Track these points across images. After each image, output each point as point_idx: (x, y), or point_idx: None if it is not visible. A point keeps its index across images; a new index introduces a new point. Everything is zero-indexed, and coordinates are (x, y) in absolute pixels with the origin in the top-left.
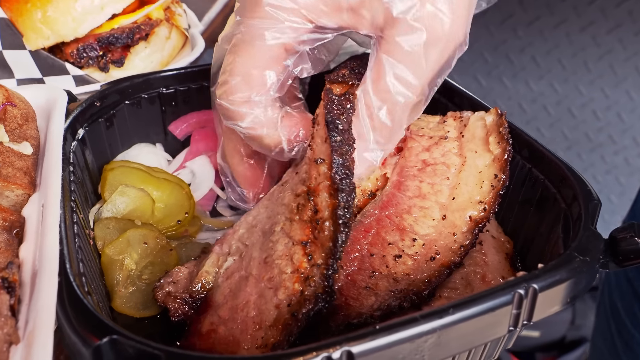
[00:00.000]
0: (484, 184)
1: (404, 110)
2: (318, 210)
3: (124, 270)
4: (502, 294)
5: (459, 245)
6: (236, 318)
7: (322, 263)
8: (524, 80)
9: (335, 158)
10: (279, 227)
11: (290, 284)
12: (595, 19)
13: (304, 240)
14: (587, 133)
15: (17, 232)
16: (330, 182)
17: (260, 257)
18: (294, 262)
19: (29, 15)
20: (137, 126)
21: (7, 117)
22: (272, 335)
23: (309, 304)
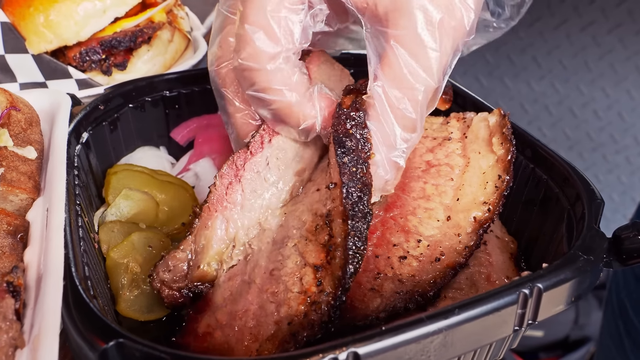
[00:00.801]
0: (487, 185)
1: (425, 98)
2: (332, 236)
3: (129, 274)
4: (507, 294)
5: (463, 246)
6: (234, 325)
7: (331, 292)
8: (525, 80)
9: (345, 182)
10: (292, 243)
11: (295, 304)
12: (596, 19)
13: (317, 265)
14: (588, 132)
15: (21, 236)
16: (343, 209)
17: (266, 267)
18: (302, 283)
19: (31, 19)
20: (141, 129)
21: (11, 121)
22: (266, 348)
23: (313, 329)
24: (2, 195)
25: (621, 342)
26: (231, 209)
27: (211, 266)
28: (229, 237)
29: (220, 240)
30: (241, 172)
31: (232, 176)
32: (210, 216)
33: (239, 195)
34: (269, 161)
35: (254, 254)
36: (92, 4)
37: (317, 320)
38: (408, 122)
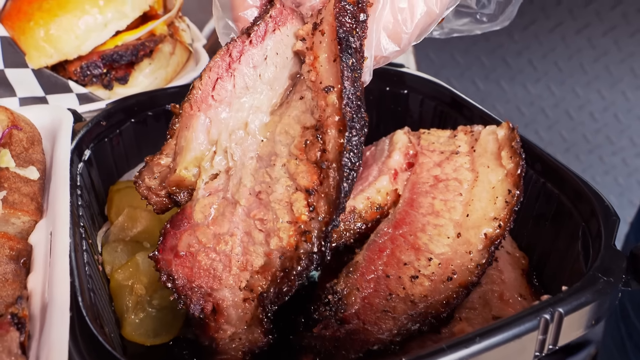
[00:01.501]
0: (497, 200)
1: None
2: (325, 151)
3: (134, 296)
4: (528, 320)
5: (475, 264)
6: (218, 250)
7: (325, 217)
8: (521, 83)
9: (347, 86)
10: (280, 162)
11: (286, 236)
12: (591, 22)
13: (309, 188)
14: (584, 134)
15: (24, 261)
16: (340, 117)
17: (252, 189)
18: (293, 211)
19: (31, 33)
20: (143, 144)
21: (12, 141)
22: (259, 282)
23: (302, 263)
24: (4, 218)
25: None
26: (216, 107)
27: (189, 171)
28: (210, 140)
29: (201, 143)
30: (235, 65)
31: (223, 69)
32: (191, 115)
33: (229, 91)
34: (267, 55)
35: (237, 168)
36: (93, 18)
37: (307, 251)
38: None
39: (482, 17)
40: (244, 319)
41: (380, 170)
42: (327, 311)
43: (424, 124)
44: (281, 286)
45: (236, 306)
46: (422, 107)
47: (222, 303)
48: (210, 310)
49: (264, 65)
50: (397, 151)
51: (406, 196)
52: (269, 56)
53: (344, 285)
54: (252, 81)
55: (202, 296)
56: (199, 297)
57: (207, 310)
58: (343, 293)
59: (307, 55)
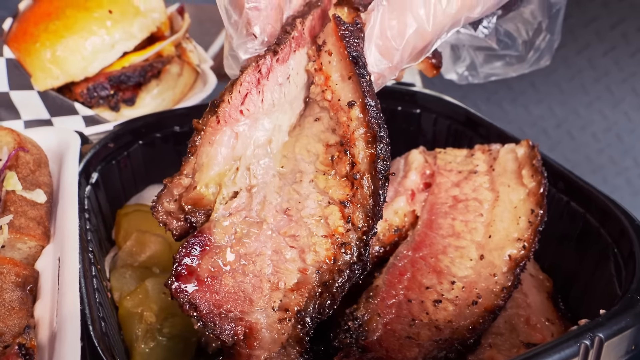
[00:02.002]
0: (520, 220)
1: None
2: (355, 163)
3: (144, 324)
4: (567, 346)
5: (500, 287)
6: (246, 271)
7: (363, 225)
8: (523, 104)
9: (369, 100)
10: (307, 179)
11: (323, 250)
12: (591, 42)
13: (344, 200)
14: (587, 155)
15: (31, 288)
16: (367, 129)
17: (279, 206)
18: (329, 224)
19: (37, 55)
20: (151, 167)
21: (19, 163)
22: (295, 301)
23: (344, 274)
24: (10, 243)
25: None
26: (244, 122)
27: (209, 189)
28: (234, 155)
29: (225, 159)
30: (264, 81)
31: (253, 84)
32: (216, 130)
33: (257, 107)
34: (289, 74)
35: (259, 186)
36: (100, 39)
37: (347, 262)
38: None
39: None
40: (279, 340)
41: (397, 191)
42: (347, 338)
43: (437, 143)
44: (323, 301)
45: (270, 328)
46: (435, 126)
47: (255, 326)
48: (243, 335)
49: (287, 84)
50: (413, 171)
51: (425, 217)
52: (292, 75)
53: (365, 310)
54: (277, 98)
55: (232, 321)
56: (229, 323)
57: (239, 335)
58: (364, 319)
59: (316, 76)
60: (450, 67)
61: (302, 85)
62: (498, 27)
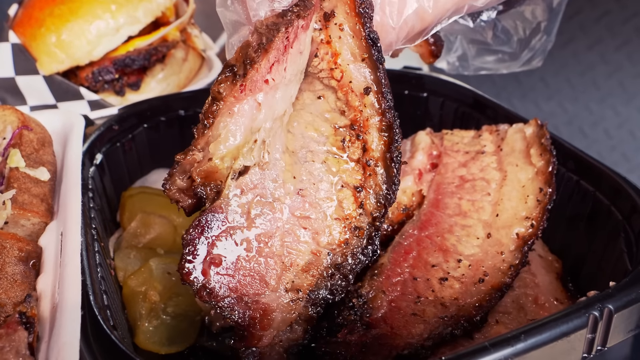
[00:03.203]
0: (528, 199)
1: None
2: (367, 150)
3: (147, 303)
4: (576, 317)
5: (508, 265)
6: (261, 253)
7: (375, 211)
8: (533, 101)
9: (385, 89)
10: (319, 160)
11: (337, 233)
12: (603, 37)
13: (358, 186)
14: (600, 152)
15: (34, 263)
16: (382, 117)
17: (293, 186)
18: (343, 208)
19: (42, 39)
20: (156, 150)
21: (23, 141)
22: (306, 281)
23: (357, 258)
24: (14, 219)
25: None
26: (267, 91)
27: (224, 162)
28: (254, 128)
29: (245, 131)
30: (290, 49)
31: (281, 51)
32: (239, 100)
33: (282, 76)
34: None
35: (272, 163)
36: (105, 23)
37: (360, 246)
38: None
39: (505, 55)
40: (289, 320)
41: (404, 171)
42: (352, 315)
43: (445, 126)
44: (335, 282)
45: (282, 309)
46: (442, 109)
47: (269, 307)
48: (258, 318)
49: (304, 53)
50: (420, 152)
51: (431, 197)
52: (306, 44)
53: (369, 288)
54: (296, 67)
55: (247, 305)
56: (245, 307)
57: (255, 318)
58: (368, 296)
59: (322, 48)
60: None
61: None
62: (496, 22)
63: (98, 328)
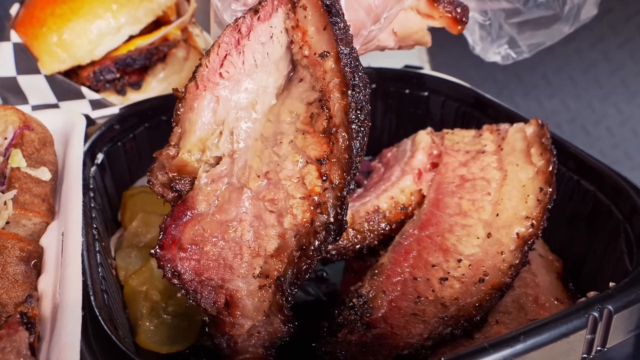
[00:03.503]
0: (529, 199)
1: None
2: (331, 117)
3: (148, 302)
4: (575, 318)
5: (508, 264)
6: (227, 238)
7: (339, 182)
8: (535, 98)
9: (342, 48)
10: (287, 140)
11: (300, 212)
12: (605, 34)
13: (320, 157)
14: (602, 150)
15: (35, 263)
16: (341, 78)
17: (259, 170)
18: (306, 184)
19: (44, 38)
20: (157, 149)
21: (24, 141)
22: (274, 267)
23: (320, 236)
24: (15, 219)
25: None
26: (224, 85)
27: (192, 155)
28: (217, 120)
29: (207, 124)
30: (244, 41)
31: (232, 45)
32: (197, 96)
33: (238, 68)
34: (273, 33)
35: (241, 151)
36: (106, 22)
37: (323, 222)
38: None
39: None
40: (261, 308)
41: (403, 171)
42: (352, 315)
43: (446, 126)
44: (300, 265)
45: (252, 295)
46: (443, 109)
47: (236, 294)
48: (224, 303)
49: (270, 43)
50: (420, 151)
51: (431, 197)
52: (275, 34)
53: (369, 288)
54: (260, 58)
55: (213, 289)
56: (210, 291)
57: (220, 303)
58: (369, 296)
59: (294, 34)
60: (489, 47)
61: (288, 45)
62: None
63: (99, 328)
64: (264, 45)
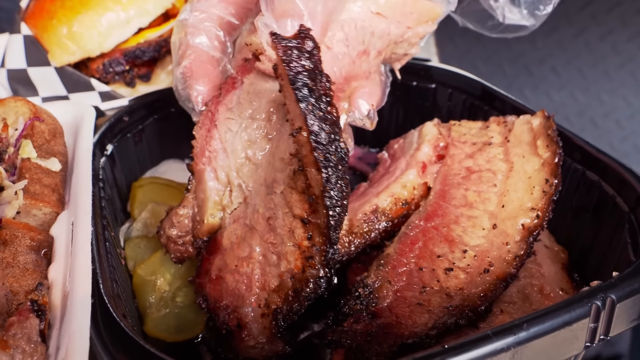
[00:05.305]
0: (534, 190)
1: None
2: (310, 186)
3: (157, 292)
4: (578, 306)
5: (513, 255)
6: (241, 272)
7: (322, 246)
8: (545, 91)
9: (313, 129)
10: (279, 190)
11: (292, 259)
12: (615, 27)
13: (303, 218)
14: (611, 142)
15: (45, 252)
16: (314, 159)
17: (263, 214)
18: (295, 236)
19: (54, 31)
20: (166, 141)
21: (34, 132)
22: (275, 300)
23: (310, 285)
24: (26, 209)
25: None
26: (215, 156)
27: (215, 217)
28: (221, 183)
29: (216, 189)
30: (216, 116)
31: (208, 123)
32: (200, 170)
33: (217, 140)
34: (240, 97)
35: (252, 196)
36: (115, 15)
37: (314, 276)
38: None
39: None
40: (264, 332)
41: (408, 164)
42: (357, 305)
43: (453, 118)
44: (292, 305)
45: (256, 321)
46: (450, 100)
47: (245, 318)
48: (235, 325)
49: (239, 105)
50: (426, 143)
51: (437, 188)
52: (242, 97)
53: (375, 278)
54: (233, 123)
55: (227, 314)
56: (225, 315)
57: (233, 325)
58: (374, 286)
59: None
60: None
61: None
62: None
63: (108, 316)
64: (232, 111)
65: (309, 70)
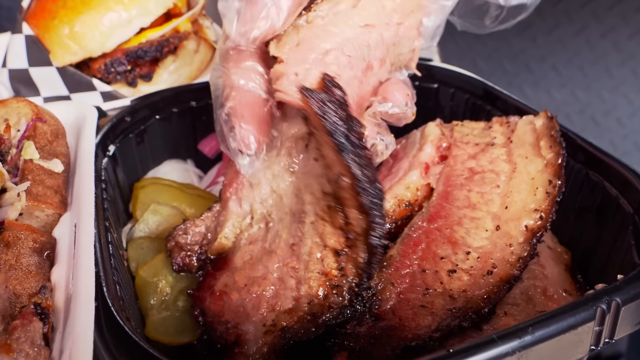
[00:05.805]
0: (538, 191)
1: None
2: (350, 224)
3: (159, 294)
4: (583, 310)
5: (516, 257)
6: (251, 291)
7: (354, 278)
8: (545, 89)
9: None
10: (309, 220)
11: (315, 284)
12: (616, 25)
13: (338, 250)
14: (612, 141)
15: (48, 254)
16: (359, 205)
17: (287, 240)
18: (324, 265)
19: (55, 31)
20: (168, 142)
21: (37, 133)
22: (284, 319)
23: (333, 312)
24: (28, 210)
25: None
26: (240, 188)
27: (229, 239)
28: (244, 211)
29: (237, 214)
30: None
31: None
32: (226, 199)
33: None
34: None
35: (275, 223)
36: (117, 15)
37: (338, 304)
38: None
39: None
40: (261, 351)
41: (411, 164)
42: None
43: (455, 118)
44: (308, 327)
45: (257, 338)
46: (453, 100)
47: (245, 335)
48: (233, 340)
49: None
50: (428, 144)
51: (440, 189)
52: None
53: (378, 280)
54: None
55: (227, 328)
56: (224, 329)
57: (230, 340)
58: (377, 288)
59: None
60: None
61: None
62: None
63: (111, 319)
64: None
65: (344, 119)
